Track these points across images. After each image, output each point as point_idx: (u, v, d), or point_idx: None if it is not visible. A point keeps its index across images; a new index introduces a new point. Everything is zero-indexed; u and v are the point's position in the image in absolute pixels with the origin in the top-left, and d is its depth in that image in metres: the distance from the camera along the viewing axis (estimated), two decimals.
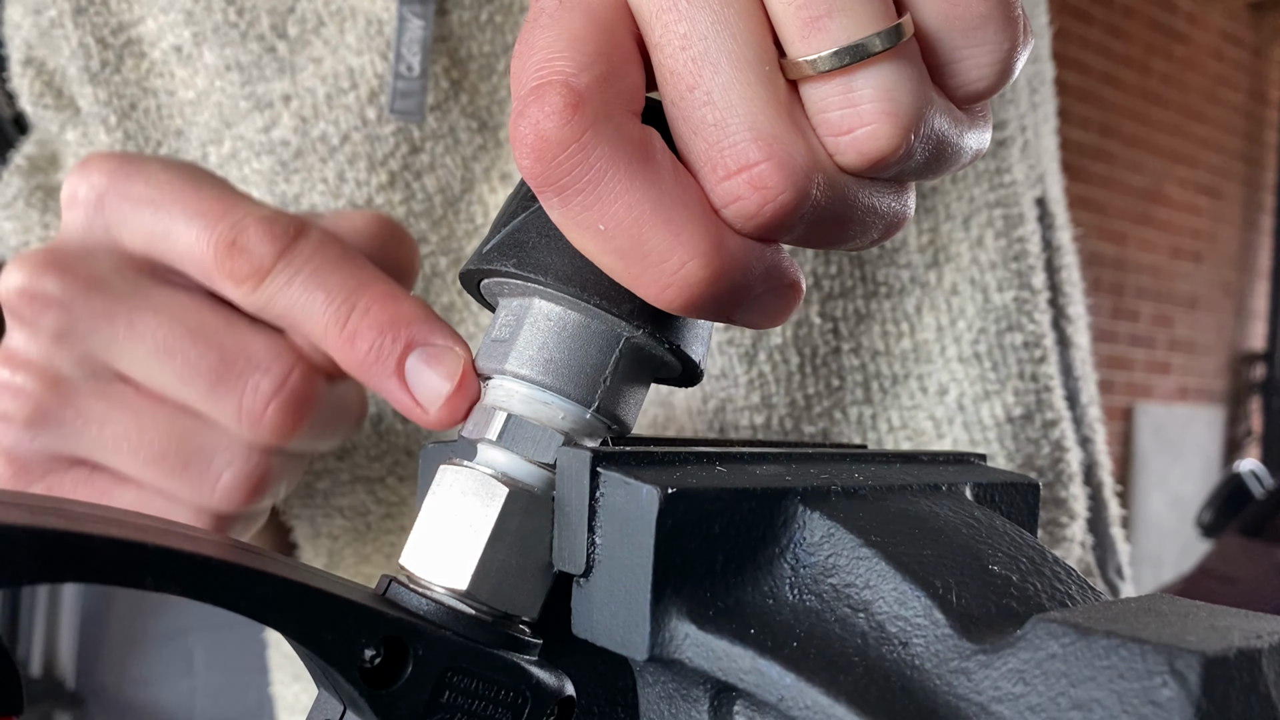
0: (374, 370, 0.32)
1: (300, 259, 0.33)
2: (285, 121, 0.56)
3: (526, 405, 0.29)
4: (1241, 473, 3.82)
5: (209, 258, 0.33)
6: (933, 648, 0.25)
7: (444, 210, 0.57)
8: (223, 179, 0.36)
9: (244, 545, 0.27)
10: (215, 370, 0.33)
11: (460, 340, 0.32)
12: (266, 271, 0.33)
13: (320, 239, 0.34)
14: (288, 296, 0.33)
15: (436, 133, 0.56)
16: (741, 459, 0.29)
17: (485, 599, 0.28)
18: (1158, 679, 0.20)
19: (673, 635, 0.26)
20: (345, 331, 0.32)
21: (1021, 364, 0.59)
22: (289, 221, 0.34)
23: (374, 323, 0.32)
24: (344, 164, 0.56)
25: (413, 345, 0.32)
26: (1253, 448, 4.88)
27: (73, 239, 0.35)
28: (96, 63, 0.58)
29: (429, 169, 0.56)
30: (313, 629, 0.25)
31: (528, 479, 0.29)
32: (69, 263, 0.34)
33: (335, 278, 0.33)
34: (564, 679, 0.29)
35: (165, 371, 0.34)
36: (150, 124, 0.59)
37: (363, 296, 0.33)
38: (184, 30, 0.57)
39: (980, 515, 0.30)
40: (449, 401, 0.31)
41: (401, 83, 0.54)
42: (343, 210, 0.39)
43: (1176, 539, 4.37)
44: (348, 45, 0.55)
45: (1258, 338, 4.96)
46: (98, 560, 0.22)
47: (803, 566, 0.27)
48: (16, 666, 0.23)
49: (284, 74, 0.56)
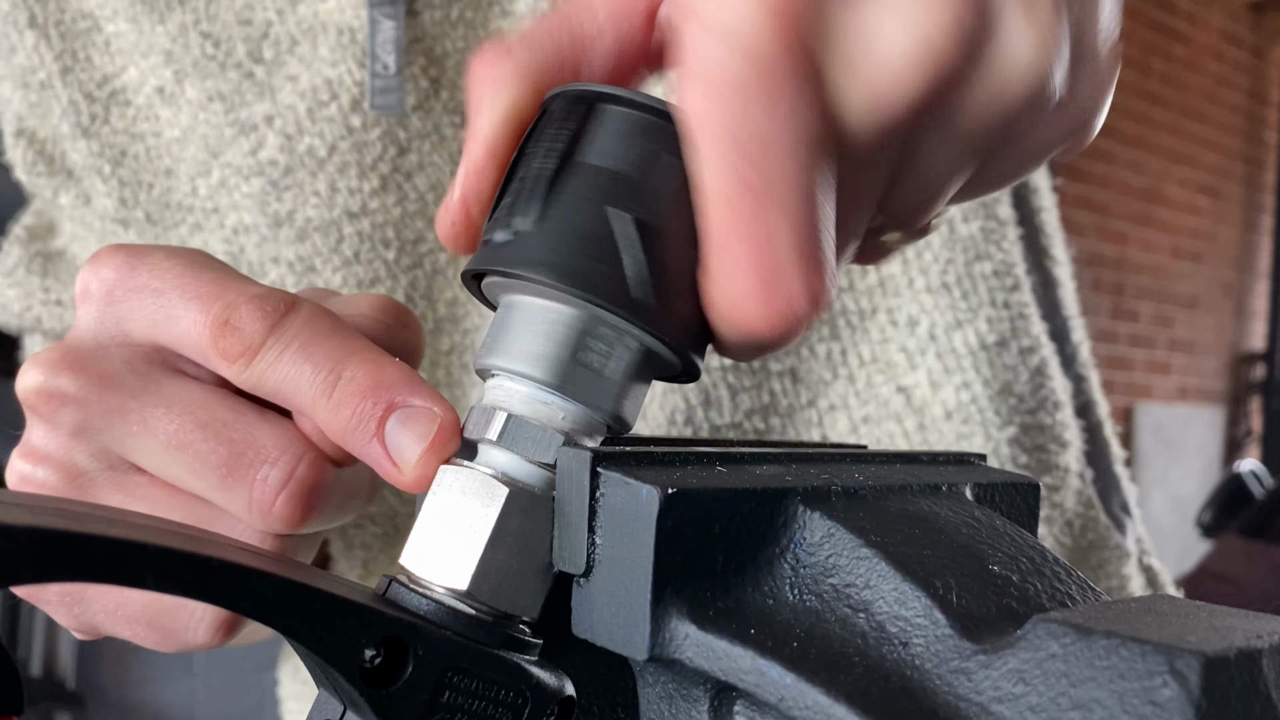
0: (356, 436, 0.32)
1: (290, 333, 0.33)
2: (271, 141, 0.57)
3: (527, 405, 0.29)
4: (1241, 473, 3.82)
5: (205, 338, 0.34)
6: (933, 648, 0.25)
7: (437, 207, 0.57)
8: (223, 263, 0.37)
9: (244, 546, 0.27)
10: (225, 463, 0.34)
11: (441, 401, 0.32)
12: (257, 348, 0.33)
13: (310, 313, 0.34)
14: (278, 371, 0.33)
15: (422, 131, 0.57)
16: (741, 459, 0.29)
17: (485, 599, 0.28)
18: (1158, 679, 0.20)
19: (673, 635, 0.26)
20: (331, 401, 0.32)
21: (993, 292, 0.60)
22: (280, 298, 0.34)
23: (357, 389, 0.32)
24: (334, 174, 0.57)
25: (393, 408, 0.32)
26: (1253, 448, 4.88)
27: (86, 335, 0.36)
28: (86, 117, 0.60)
29: (419, 168, 0.58)
30: (313, 629, 0.25)
31: (528, 479, 0.29)
32: (83, 360, 0.35)
33: (322, 349, 0.33)
34: (564, 679, 0.29)
35: (177, 465, 0.35)
36: (141, 167, 0.61)
37: (348, 366, 0.33)
38: (165, 70, 0.59)
39: (980, 515, 0.30)
40: (421, 462, 0.30)
41: (379, 81, 0.56)
42: (351, 295, 0.39)
43: (1176, 539, 4.37)
44: (322, 58, 0.57)
45: (1258, 338, 4.96)
46: (98, 560, 0.22)
47: (803, 566, 0.27)
48: (16, 666, 0.23)
49: (264, 96, 0.57)
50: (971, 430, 0.60)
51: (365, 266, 0.58)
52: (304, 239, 0.58)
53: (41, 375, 0.35)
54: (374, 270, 0.58)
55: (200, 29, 0.58)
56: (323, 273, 0.58)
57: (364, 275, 0.58)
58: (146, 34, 0.59)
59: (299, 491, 0.34)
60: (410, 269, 0.59)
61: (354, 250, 0.58)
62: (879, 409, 0.60)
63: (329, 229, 0.58)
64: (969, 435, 0.60)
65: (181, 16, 0.58)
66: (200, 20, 0.58)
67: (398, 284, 0.59)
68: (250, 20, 0.58)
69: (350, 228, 0.58)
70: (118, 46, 0.60)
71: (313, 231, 0.58)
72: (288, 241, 0.58)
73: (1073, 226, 4.00)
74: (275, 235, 0.58)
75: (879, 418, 0.60)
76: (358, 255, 0.58)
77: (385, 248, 0.58)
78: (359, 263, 0.58)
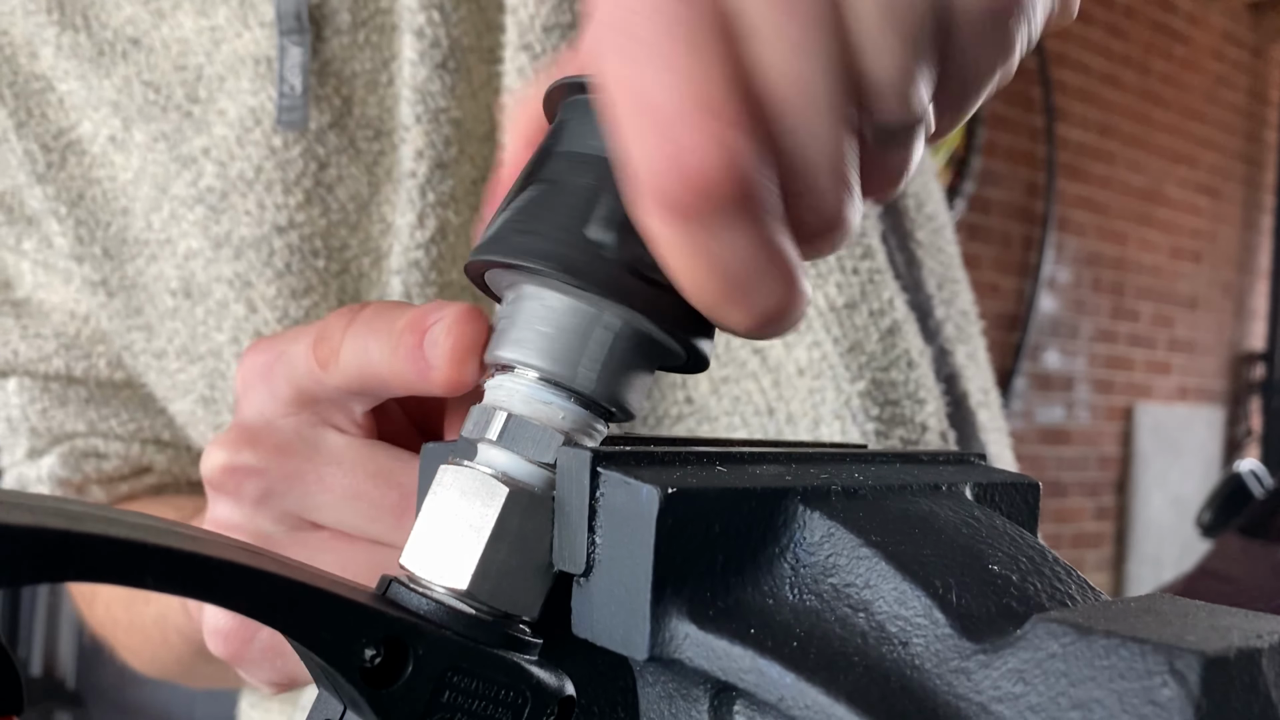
0: (409, 367, 0.35)
1: (360, 322, 0.37)
2: (209, 170, 0.62)
3: (527, 405, 0.29)
4: (1241, 473, 3.82)
5: (310, 359, 0.38)
6: (933, 647, 0.25)
7: (358, 215, 0.63)
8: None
9: (245, 545, 0.27)
10: (398, 506, 0.38)
11: (460, 305, 0.35)
12: (339, 346, 0.37)
13: (376, 306, 0.37)
14: (355, 354, 0.36)
15: (339, 146, 0.62)
16: (741, 459, 0.29)
17: (485, 599, 0.28)
18: (1158, 679, 0.20)
19: (673, 635, 0.26)
20: (392, 353, 0.35)
21: (841, 259, 0.63)
22: (354, 307, 0.38)
23: (404, 331, 0.35)
24: (262, 193, 0.62)
25: (426, 329, 0.35)
26: (1253, 448, 4.87)
27: (252, 415, 0.40)
28: (42, 165, 0.66)
29: (339, 180, 0.62)
30: (313, 629, 0.25)
31: (528, 479, 0.29)
32: (258, 435, 0.39)
33: (382, 320, 0.36)
34: (564, 679, 0.29)
35: (355, 514, 0.38)
36: (99, 208, 0.66)
37: (398, 320, 0.36)
38: (114, 119, 0.64)
39: (980, 515, 0.30)
40: (448, 359, 0.34)
41: (285, 100, 0.61)
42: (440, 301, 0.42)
43: (1176, 539, 4.37)
44: (244, 89, 0.62)
45: (1258, 338, 4.96)
46: (98, 560, 0.22)
47: (803, 566, 0.27)
48: (17, 666, 0.23)
49: (201, 131, 0.63)
50: (823, 385, 0.62)
51: (297, 277, 0.62)
52: (240, 256, 0.62)
53: (225, 454, 0.39)
54: (306, 279, 0.62)
55: (142, 79, 0.63)
56: (258, 285, 0.62)
57: (296, 285, 0.62)
58: (95, 89, 0.64)
59: None
60: (339, 274, 0.63)
61: (285, 262, 0.62)
62: (737, 369, 0.63)
63: (260, 244, 0.62)
64: (820, 389, 0.62)
65: (125, 70, 0.64)
66: (142, 71, 0.63)
67: (329, 290, 0.63)
68: (185, 65, 0.63)
69: (280, 241, 0.62)
70: (71, 103, 0.66)
71: (247, 248, 0.62)
72: (227, 260, 0.63)
73: (1073, 226, 4.00)
74: (217, 256, 0.63)
75: (737, 377, 0.63)
76: (289, 266, 0.62)
77: (315, 257, 0.62)
78: (291, 273, 0.62)
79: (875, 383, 0.63)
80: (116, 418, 0.70)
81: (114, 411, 0.70)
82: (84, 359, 0.69)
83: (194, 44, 0.63)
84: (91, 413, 0.69)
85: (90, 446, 0.69)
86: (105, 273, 0.66)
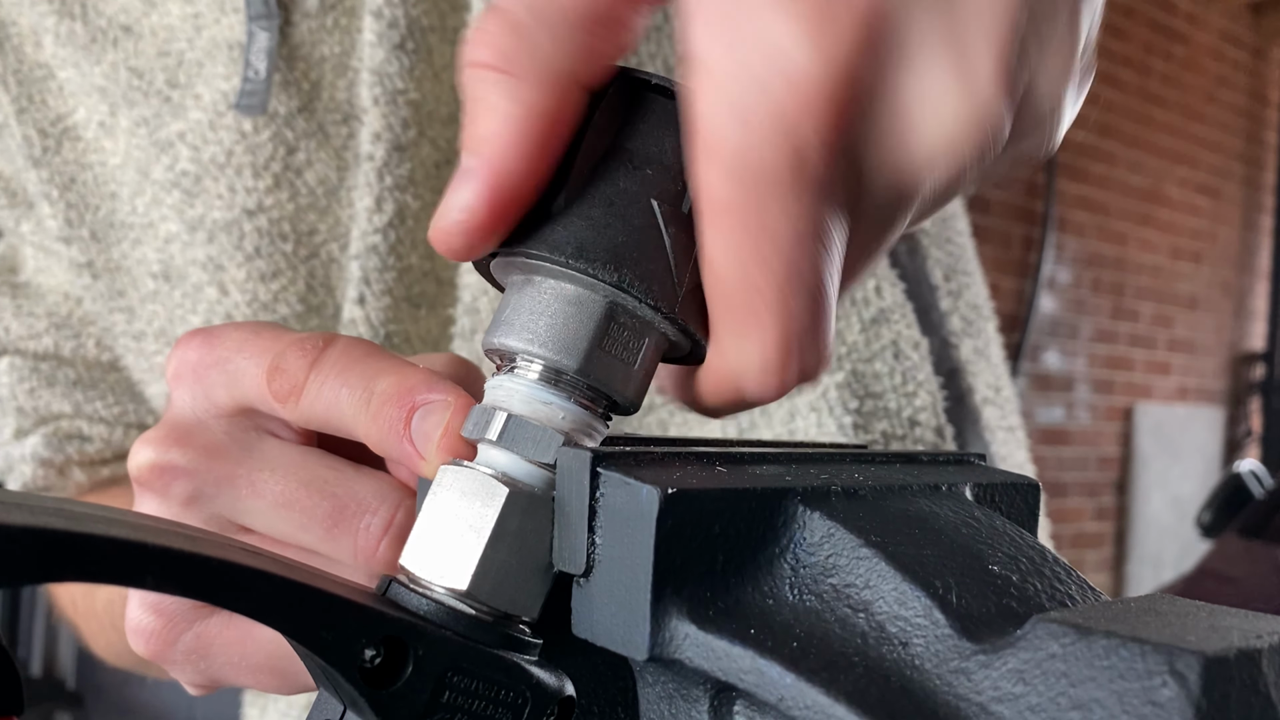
0: (390, 442, 0.33)
1: (327, 365, 0.35)
2: (184, 155, 0.63)
3: (527, 405, 0.29)
4: (1241, 473, 3.82)
5: (263, 386, 0.36)
6: (933, 648, 0.25)
7: (327, 200, 0.63)
8: (279, 324, 0.40)
9: (244, 546, 0.27)
10: (330, 516, 0.36)
11: (455, 390, 0.33)
12: (302, 384, 0.35)
13: (345, 344, 0.36)
14: (323, 400, 0.35)
15: (307, 131, 0.62)
16: (741, 459, 0.29)
17: (485, 599, 0.28)
18: (1158, 679, 0.20)
19: (673, 635, 0.26)
20: (368, 415, 0.34)
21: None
22: (318, 338, 0.37)
23: (386, 399, 0.34)
24: (233, 176, 0.62)
25: (415, 408, 0.33)
26: (1253, 448, 4.87)
27: (184, 412, 0.39)
28: (39, 149, 0.67)
29: (307, 165, 0.62)
30: (313, 629, 0.25)
31: (528, 479, 0.29)
32: (189, 434, 0.38)
33: (356, 372, 0.35)
34: (564, 679, 0.29)
35: (286, 522, 0.37)
36: (89, 192, 0.67)
37: (378, 381, 0.34)
38: (102, 105, 0.66)
39: (980, 515, 0.30)
40: (439, 449, 0.32)
41: (248, 84, 0.61)
42: (425, 355, 0.41)
43: (1176, 539, 4.37)
44: (218, 74, 0.62)
45: (1258, 338, 4.96)
46: (98, 560, 0.22)
47: (803, 566, 0.27)
48: (16, 666, 0.23)
49: (178, 115, 0.63)
50: None
51: (266, 260, 0.62)
52: (212, 239, 0.63)
53: (153, 451, 0.37)
54: (275, 263, 0.62)
55: (128, 65, 0.64)
56: (229, 269, 0.63)
57: (266, 269, 0.62)
58: (87, 75, 0.66)
59: (399, 535, 0.36)
60: (308, 259, 0.63)
61: (255, 246, 0.62)
62: None
63: (231, 227, 0.62)
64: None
65: (114, 56, 0.65)
66: (129, 57, 0.64)
67: (297, 274, 0.63)
68: (169, 51, 0.64)
69: (250, 224, 0.62)
70: (69, 90, 0.67)
71: (219, 231, 0.62)
72: (201, 244, 0.63)
73: (1073, 226, 4.00)
74: (193, 239, 0.63)
75: None
76: (259, 250, 0.62)
77: (283, 241, 0.63)
78: (260, 257, 0.62)
79: (855, 374, 0.63)
80: (102, 400, 0.70)
81: (100, 395, 0.70)
82: (73, 338, 0.70)
83: (178, 30, 0.63)
84: (78, 395, 0.70)
85: (74, 429, 0.70)
86: (92, 255, 0.67)
